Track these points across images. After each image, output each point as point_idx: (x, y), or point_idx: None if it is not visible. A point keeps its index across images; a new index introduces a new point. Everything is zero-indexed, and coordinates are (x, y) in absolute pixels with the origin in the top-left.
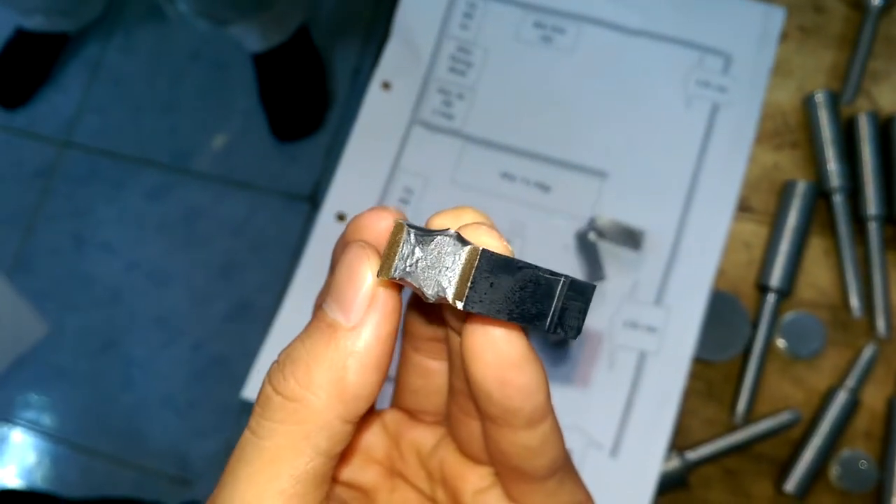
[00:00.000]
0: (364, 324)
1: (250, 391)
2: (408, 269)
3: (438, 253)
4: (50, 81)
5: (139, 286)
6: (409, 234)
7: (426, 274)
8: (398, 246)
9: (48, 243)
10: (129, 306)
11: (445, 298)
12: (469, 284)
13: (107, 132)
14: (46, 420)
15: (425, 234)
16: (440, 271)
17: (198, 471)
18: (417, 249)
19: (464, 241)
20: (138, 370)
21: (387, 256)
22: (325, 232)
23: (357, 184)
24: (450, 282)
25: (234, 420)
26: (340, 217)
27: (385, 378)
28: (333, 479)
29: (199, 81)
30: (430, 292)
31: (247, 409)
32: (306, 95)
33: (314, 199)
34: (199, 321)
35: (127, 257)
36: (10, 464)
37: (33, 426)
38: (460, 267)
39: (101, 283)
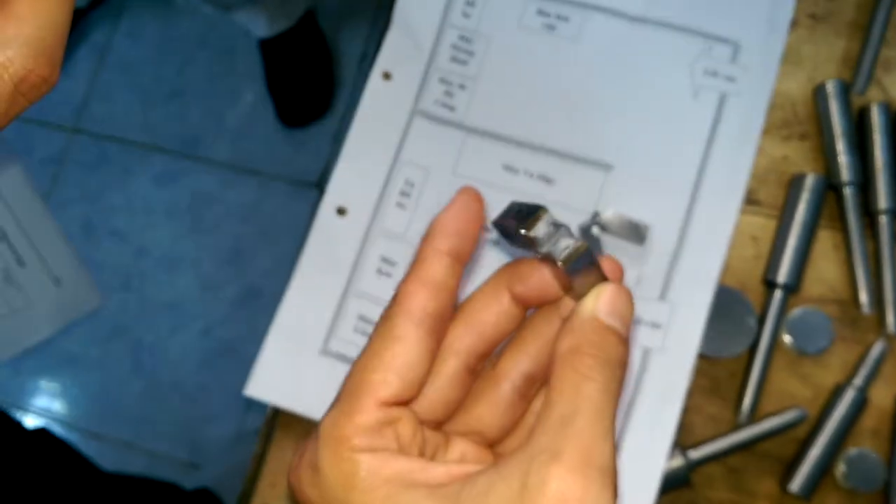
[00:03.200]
0: None
1: (253, 388)
2: (541, 232)
3: (560, 234)
4: None
5: (149, 272)
6: (549, 215)
7: (550, 240)
8: (540, 219)
9: None
10: (138, 292)
11: (553, 259)
12: (572, 261)
13: (115, 119)
14: (57, 406)
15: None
16: (557, 244)
17: (207, 455)
18: (550, 227)
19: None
20: (148, 356)
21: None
22: (325, 226)
23: (357, 177)
24: (561, 252)
25: (243, 405)
26: (340, 211)
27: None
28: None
29: (206, 67)
30: (543, 249)
31: (253, 405)
32: (312, 81)
33: (322, 186)
34: (208, 307)
35: (136, 243)
36: None
37: (44, 413)
38: (572, 248)
39: (111, 270)
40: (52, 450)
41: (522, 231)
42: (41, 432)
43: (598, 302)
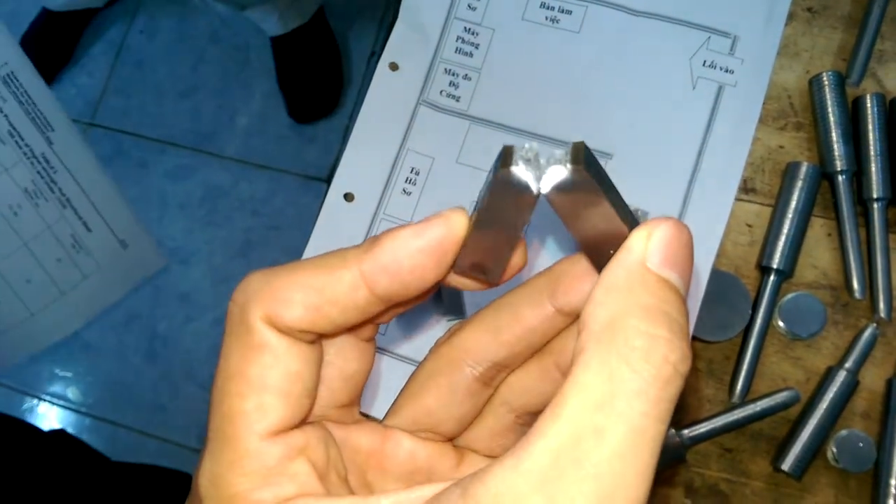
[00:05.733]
0: None
1: None
2: (523, 164)
3: (546, 154)
4: (75, 64)
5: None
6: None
7: (537, 164)
8: (513, 151)
9: None
10: (152, 282)
11: (565, 176)
12: (585, 161)
13: (130, 114)
14: (72, 394)
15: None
16: (550, 161)
17: None
18: (528, 153)
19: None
20: (161, 345)
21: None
22: (332, 212)
23: (364, 164)
24: (566, 158)
25: None
26: (347, 197)
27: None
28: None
29: (219, 64)
30: (544, 167)
31: None
32: (322, 78)
33: (331, 181)
34: (219, 298)
35: (150, 235)
36: None
37: (60, 400)
38: (573, 149)
39: None
40: (69, 451)
41: (513, 174)
42: (59, 434)
43: (650, 247)
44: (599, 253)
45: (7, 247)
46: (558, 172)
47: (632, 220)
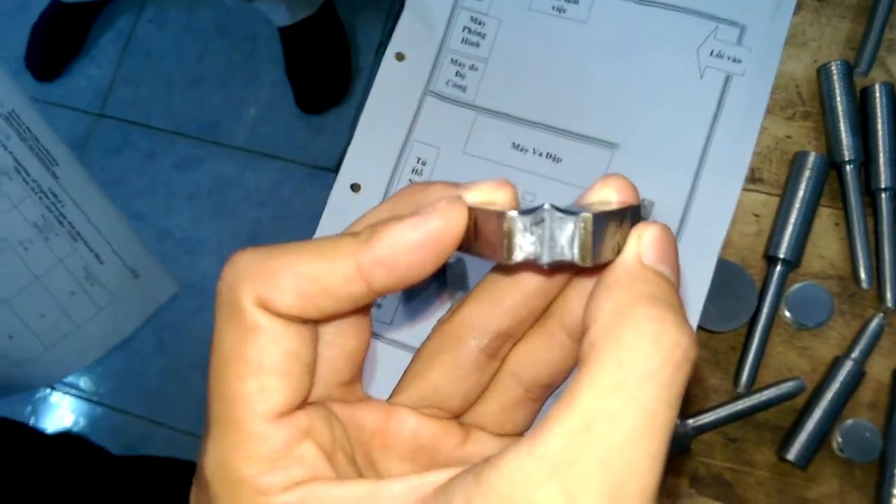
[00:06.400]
0: None
1: None
2: (526, 249)
3: (551, 227)
4: (84, 55)
5: (170, 254)
6: (519, 219)
7: (543, 245)
8: (513, 233)
9: None
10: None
11: (568, 262)
12: (592, 246)
13: (138, 104)
14: (83, 383)
15: (532, 214)
16: (556, 242)
17: None
18: (532, 231)
19: (569, 211)
20: (170, 335)
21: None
22: (339, 203)
23: (371, 155)
24: (571, 247)
25: None
26: (354, 187)
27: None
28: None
29: (227, 55)
30: (546, 259)
31: None
32: (330, 68)
33: (338, 171)
34: None
35: (158, 226)
36: (49, 424)
37: (71, 389)
38: (579, 234)
39: None
40: (74, 452)
41: (512, 260)
42: (63, 436)
43: (642, 245)
44: None
45: (20, 282)
46: (564, 261)
47: (628, 222)
